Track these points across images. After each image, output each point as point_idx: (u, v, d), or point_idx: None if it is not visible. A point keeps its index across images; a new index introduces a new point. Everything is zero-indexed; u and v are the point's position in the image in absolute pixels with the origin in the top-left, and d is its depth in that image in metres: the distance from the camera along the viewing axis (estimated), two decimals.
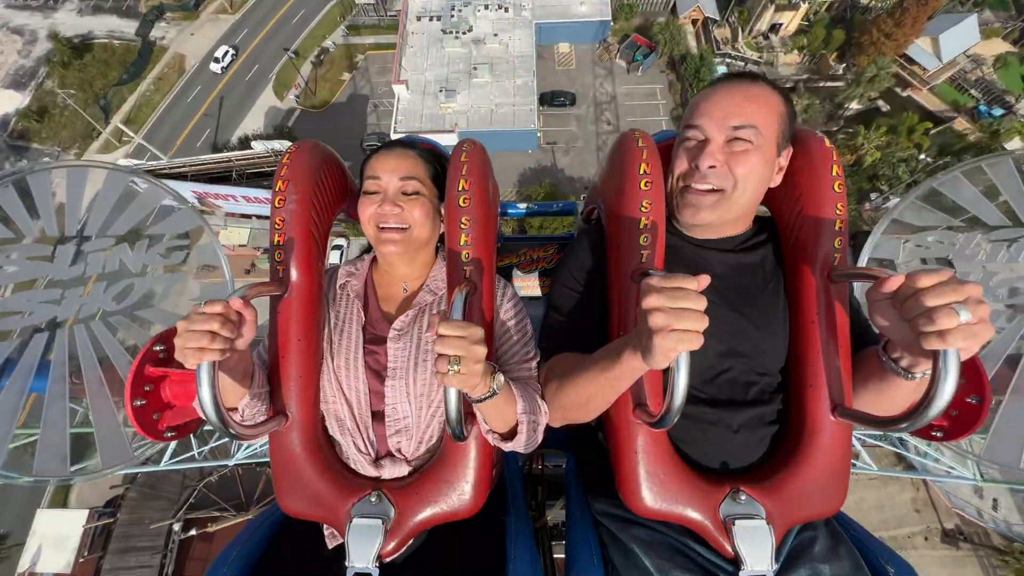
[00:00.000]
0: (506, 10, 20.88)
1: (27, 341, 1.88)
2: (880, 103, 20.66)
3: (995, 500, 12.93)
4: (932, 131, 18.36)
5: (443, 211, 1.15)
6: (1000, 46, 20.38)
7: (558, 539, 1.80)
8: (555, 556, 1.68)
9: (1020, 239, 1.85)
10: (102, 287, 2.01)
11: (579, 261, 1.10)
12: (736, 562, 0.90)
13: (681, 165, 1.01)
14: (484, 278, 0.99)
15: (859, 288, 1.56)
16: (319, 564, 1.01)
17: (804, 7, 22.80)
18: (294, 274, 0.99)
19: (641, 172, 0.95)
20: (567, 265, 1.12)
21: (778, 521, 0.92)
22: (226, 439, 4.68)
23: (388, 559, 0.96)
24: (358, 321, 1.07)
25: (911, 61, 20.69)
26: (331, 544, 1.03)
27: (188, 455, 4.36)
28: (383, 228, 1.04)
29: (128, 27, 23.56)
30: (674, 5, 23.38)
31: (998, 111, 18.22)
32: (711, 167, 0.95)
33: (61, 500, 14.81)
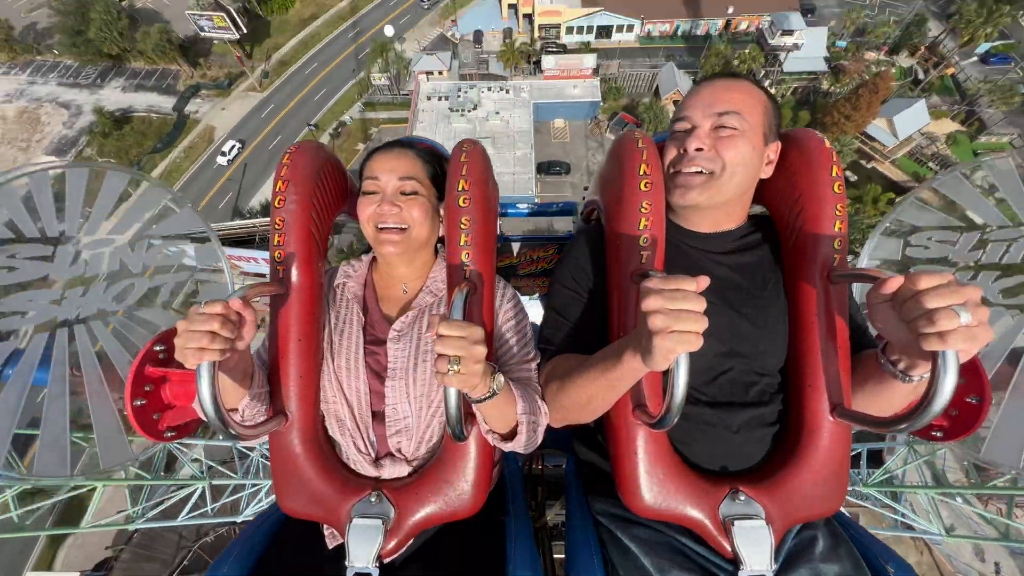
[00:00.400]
0: (507, 92, 23.57)
1: (27, 341, 1.88)
2: (848, 174, 22.98)
3: (996, 564, 13.01)
4: (896, 200, 19.96)
5: (443, 211, 1.15)
6: (949, 125, 23.63)
7: (558, 539, 1.80)
8: (555, 556, 1.68)
9: (1020, 239, 1.85)
10: (102, 287, 2.00)
11: (578, 262, 1.10)
12: (736, 562, 0.90)
13: (670, 153, 1.05)
14: (484, 278, 0.99)
15: (858, 291, 1.56)
16: (319, 564, 1.01)
17: (772, 91, 24.97)
18: (294, 274, 0.99)
19: (641, 173, 0.95)
20: (566, 265, 1.12)
21: (777, 521, 0.92)
22: (237, 495, 4.73)
23: (388, 559, 0.96)
24: (358, 322, 1.07)
25: (871, 138, 23.30)
26: (331, 544, 1.03)
27: (201, 511, 4.36)
28: (382, 229, 1.03)
29: (166, 103, 26.38)
30: (656, 88, 25.27)
31: None
32: (698, 149, 0.98)
33: (47, 562, 14.15)
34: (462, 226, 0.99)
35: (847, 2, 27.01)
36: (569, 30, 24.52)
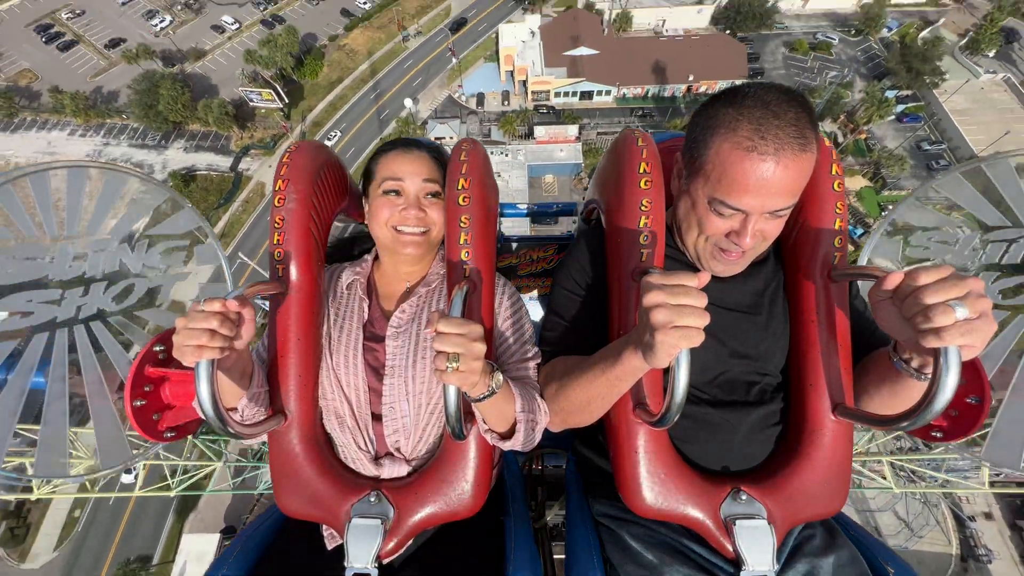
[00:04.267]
0: (507, 155, 28.15)
1: (27, 341, 1.88)
2: None
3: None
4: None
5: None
6: (860, 181, 26.73)
7: (558, 539, 1.80)
8: (555, 556, 1.68)
9: (1020, 239, 1.84)
10: (102, 287, 2.00)
11: (578, 264, 1.10)
12: (737, 562, 0.89)
13: (714, 229, 0.90)
14: (484, 277, 0.99)
15: (865, 290, 1.55)
16: (318, 564, 1.01)
17: None
18: (293, 273, 0.99)
19: (641, 171, 0.95)
20: (566, 268, 1.12)
21: (779, 521, 0.92)
22: (253, 472, 5.44)
23: (387, 559, 0.96)
24: (359, 318, 1.07)
25: None
26: (330, 545, 1.02)
27: (225, 484, 5.39)
28: (402, 231, 1.04)
29: (223, 162, 29.86)
30: None
31: (859, 231, 23.37)
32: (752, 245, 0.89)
33: (179, 525, 18.50)
34: (462, 224, 0.99)
35: (794, 66, 31.41)
36: (557, 94, 30.49)
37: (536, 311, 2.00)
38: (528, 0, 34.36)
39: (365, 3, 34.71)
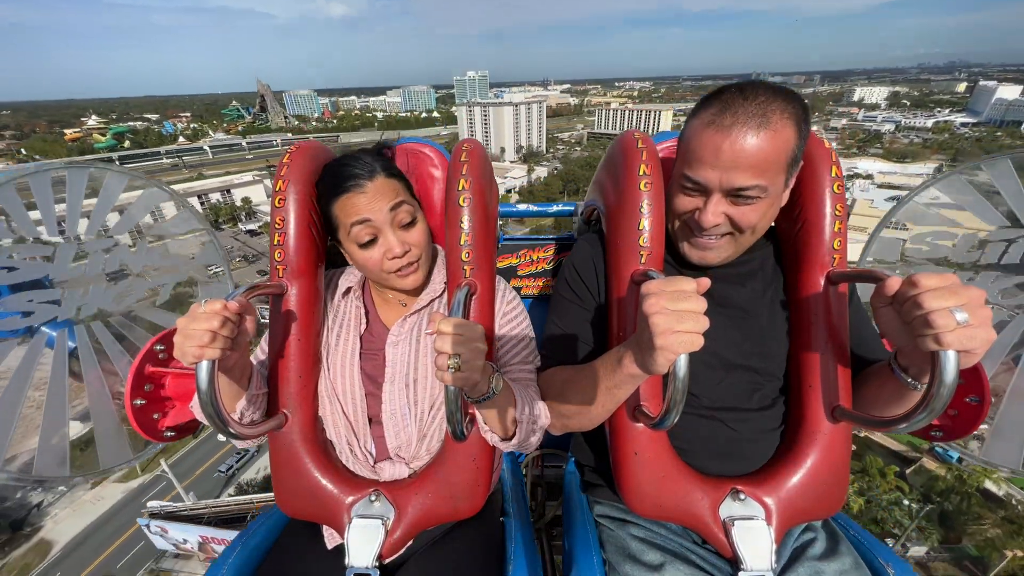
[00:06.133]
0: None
1: (27, 341, 1.88)
2: None
3: None
4: (907, 471, 21.34)
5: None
6: None
7: (558, 539, 1.80)
8: (555, 556, 1.68)
9: (1020, 239, 1.85)
10: (102, 287, 2.01)
11: (577, 269, 1.09)
12: (736, 562, 0.90)
13: (681, 207, 0.92)
14: (484, 278, 0.99)
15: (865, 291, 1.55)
16: (319, 564, 1.01)
17: None
18: (293, 274, 0.99)
19: (641, 173, 0.95)
20: (566, 273, 1.12)
21: (778, 521, 0.92)
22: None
23: (388, 559, 0.96)
24: (356, 325, 1.07)
25: None
26: (331, 544, 1.02)
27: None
28: (401, 270, 0.99)
29: None
30: None
31: (954, 454, 20.55)
32: (715, 225, 0.89)
33: None
34: (462, 226, 0.99)
35: None
36: None
37: (536, 311, 2.00)
38: None
39: None
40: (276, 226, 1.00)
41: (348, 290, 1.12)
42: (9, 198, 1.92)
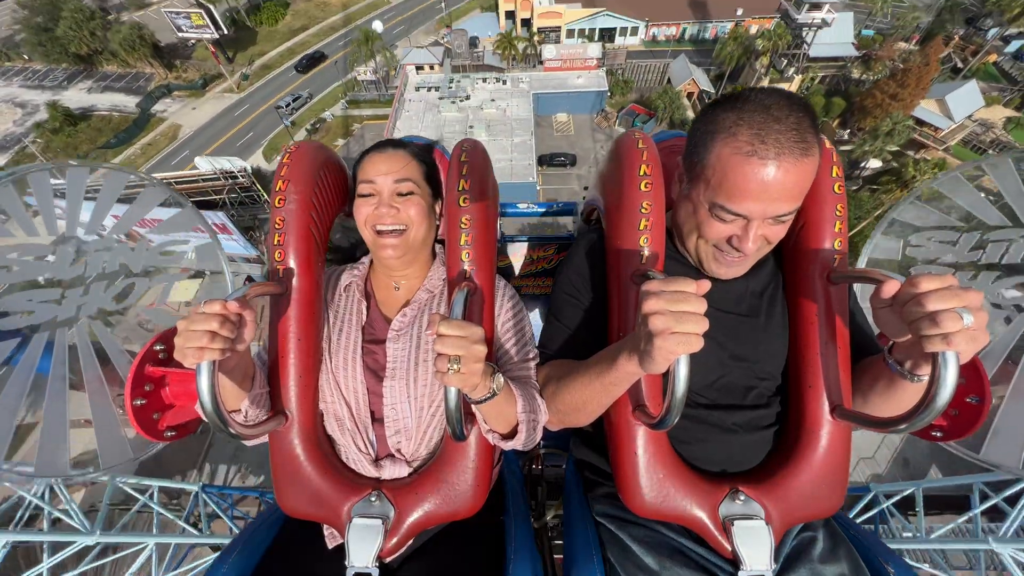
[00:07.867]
0: (504, 83, 21.54)
1: (27, 341, 1.88)
2: (895, 165, 20.56)
3: None
4: None
5: (439, 210, 1.15)
6: (1002, 112, 21.49)
7: (558, 539, 1.80)
8: (555, 556, 1.68)
9: (1020, 239, 1.85)
10: (102, 287, 2.01)
11: (578, 267, 1.10)
12: (735, 562, 0.90)
13: (715, 234, 0.89)
14: (484, 279, 0.99)
15: (864, 292, 1.56)
16: (319, 564, 1.01)
17: (798, 79, 23.11)
18: (294, 274, 0.99)
19: (641, 173, 0.95)
20: (566, 272, 1.12)
21: (777, 521, 0.92)
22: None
23: (388, 559, 0.96)
24: (358, 321, 1.07)
25: (921, 123, 20.89)
26: (331, 544, 1.03)
27: None
28: (381, 232, 1.03)
29: (132, 103, 24.74)
30: (668, 81, 23.24)
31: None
32: (757, 249, 0.88)
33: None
34: (462, 226, 0.99)
35: None
36: (570, 33, 22.77)
37: (536, 311, 2.00)
38: None
39: None
40: (276, 226, 1.00)
41: (348, 286, 1.12)
42: (9, 198, 1.93)
